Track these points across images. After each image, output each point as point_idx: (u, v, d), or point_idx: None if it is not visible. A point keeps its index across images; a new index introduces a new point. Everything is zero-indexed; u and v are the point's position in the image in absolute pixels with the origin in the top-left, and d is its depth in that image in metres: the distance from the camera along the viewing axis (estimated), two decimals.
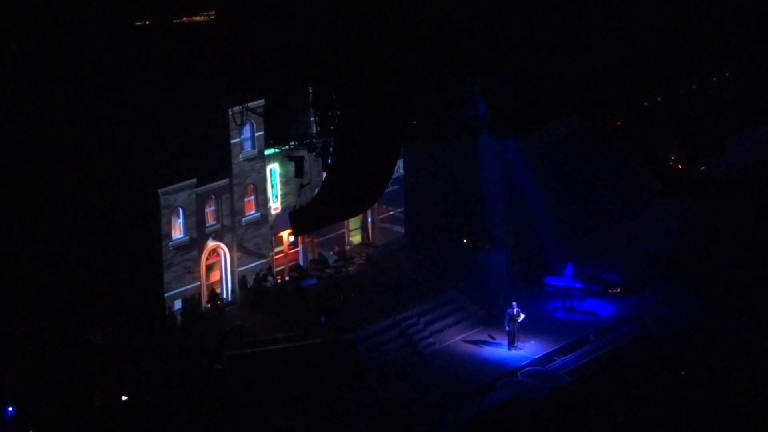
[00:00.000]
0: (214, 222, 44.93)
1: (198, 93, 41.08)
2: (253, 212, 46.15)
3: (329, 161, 35.29)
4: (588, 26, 30.79)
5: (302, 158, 39.20)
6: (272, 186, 46.91)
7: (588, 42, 30.94)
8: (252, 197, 46.12)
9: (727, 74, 40.67)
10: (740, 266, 49.25)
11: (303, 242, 48.64)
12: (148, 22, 42.57)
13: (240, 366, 40.73)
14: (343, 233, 50.39)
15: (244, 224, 45.75)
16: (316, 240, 48.84)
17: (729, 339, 44.18)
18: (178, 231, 43.44)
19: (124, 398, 39.32)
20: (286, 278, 47.41)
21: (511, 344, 44.02)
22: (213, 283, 45.02)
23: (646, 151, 35.80)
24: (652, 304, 48.18)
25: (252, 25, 29.75)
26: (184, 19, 42.23)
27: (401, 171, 51.04)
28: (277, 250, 47.62)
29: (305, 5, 28.89)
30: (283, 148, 40.49)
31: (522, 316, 43.96)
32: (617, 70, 32.42)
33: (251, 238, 46.02)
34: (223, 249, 45.25)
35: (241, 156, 45.30)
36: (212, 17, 38.08)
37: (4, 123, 40.16)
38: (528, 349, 44.04)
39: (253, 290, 45.70)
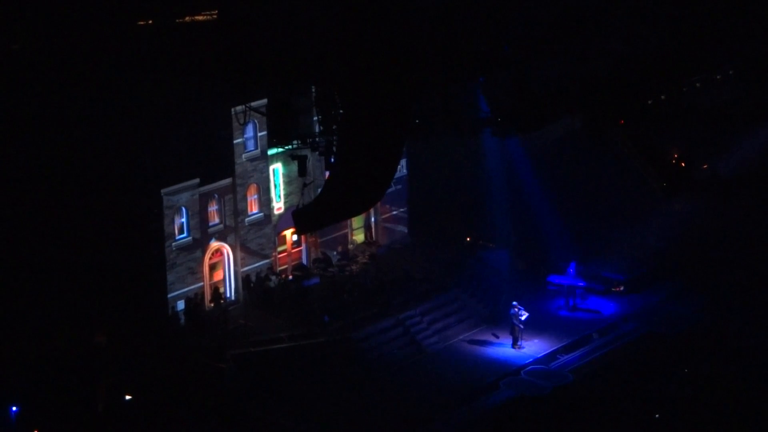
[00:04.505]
0: (217, 222, 44.92)
1: (201, 93, 41.12)
2: (256, 212, 46.13)
3: (332, 160, 35.26)
4: (590, 26, 30.81)
5: (305, 157, 39.20)
6: (275, 185, 46.89)
7: (590, 41, 30.98)
8: (255, 197, 46.10)
9: (730, 72, 40.68)
10: (743, 264, 49.21)
11: (306, 241, 48.62)
12: (150, 22, 42.60)
13: (244, 365, 40.75)
14: (347, 232, 50.37)
15: (247, 224, 45.74)
16: (319, 239, 48.83)
17: (732, 337, 44.16)
18: (181, 231, 43.43)
19: (127, 398, 39.34)
20: (290, 277, 47.41)
21: (515, 342, 44.02)
22: (216, 283, 45.03)
23: (648, 150, 35.83)
24: (655, 302, 48.13)
25: (255, 25, 29.80)
26: (187, 18, 42.25)
27: (404, 170, 51.00)
28: (280, 249, 47.61)
29: (308, 6, 28.92)
30: (286, 147, 40.47)
31: (525, 314, 43.93)
32: (620, 69, 32.44)
33: (254, 237, 46.02)
34: (227, 249, 45.24)
35: (243, 156, 45.28)
36: (215, 17, 38.14)
37: (6, 123, 40.21)
38: (531, 348, 44.03)
39: (256, 290, 45.71)
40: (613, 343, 44.79)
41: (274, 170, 46.67)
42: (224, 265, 45.39)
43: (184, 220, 43.46)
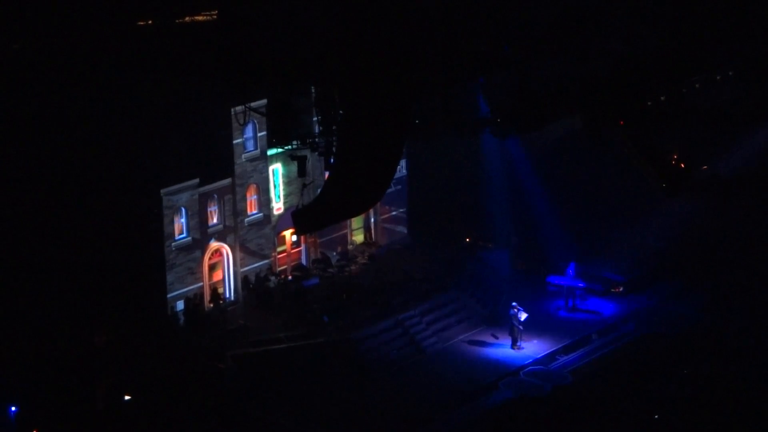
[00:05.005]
0: (217, 222, 44.93)
1: (201, 93, 41.13)
2: (255, 212, 46.15)
3: (332, 161, 35.28)
4: (590, 26, 30.79)
5: (305, 158, 39.22)
6: (275, 186, 46.91)
7: (590, 41, 30.96)
8: (254, 197, 46.12)
9: (730, 73, 40.66)
10: (743, 264, 49.23)
11: (306, 242, 48.65)
12: (150, 22, 42.61)
13: (243, 366, 40.75)
14: (346, 233, 50.40)
15: (247, 224, 45.76)
16: (318, 240, 48.85)
17: (732, 337, 44.17)
18: (180, 231, 43.43)
19: (126, 398, 39.35)
20: (289, 278, 47.42)
21: (514, 343, 44.03)
22: (215, 283, 45.04)
23: (648, 151, 35.80)
24: (655, 303, 48.14)
25: (255, 26, 29.79)
26: (187, 18, 42.26)
27: (404, 171, 51.03)
28: (279, 249, 47.62)
29: (308, 6, 28.91)
30: (286, 147, 40.53)
31: (524, 315, 43.92)
32: (620, 69, 32.41)
33: (254, 238, 46.03)
34: (226, 249, 45.25)
35: (243, 156, 45.31)
36: (215, 17, 38.15)
37: (6, 123, 40.22)
38: (531, 349, 44.02)
39: (255, 290, 45.71)
40: (613, 344, 44.81)
41: (273, 170, 46.69)
42: (224, 266, 45.41)
43: (183, 220, 43.47)
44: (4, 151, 40.41)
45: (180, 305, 43.26)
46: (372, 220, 51.53)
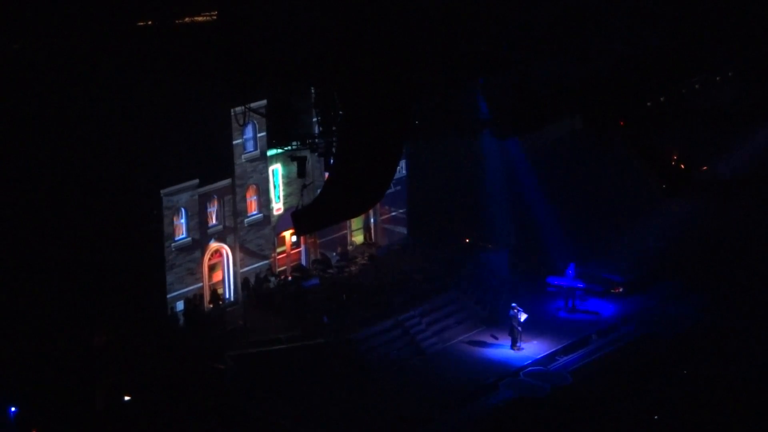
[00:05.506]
0: (217, 223, 44.91)
1: (200, 93, 41.13)
2: (255, 213, 46.13)
3: (331, 161, 35.31)
4: (590, 26, 30.84)
5: (304, 158, 39.25)
6: (275, 186, 46.89)
7: (590, 41, 31.00)
8: (254, 198, 46.10)
9: (729, 74, 40.68)
10: (743, 264, 49.22)
11: (305, 242, 48.63)
12: (150, 23, 42.63)
13: (242, 366, 40.72)
14: (346, 234, 50.37)
15: (247, 225, 45.74)
16: (318, 240, 48.84)
17: (732, 337, 44.17)
18: (180, 232, 43.42)
19: (126, 399, 39.34)
20: (289, 278, 47.40)
21: (514, 344, 44.02)
22: (215, 284, 45.03)
23: (648, 151, 35.87)
24: (655, 303, 48.13)
25: (255, 26, 29.83)
26: (186, 19, 42.28)
27: (404, 172, 51.00)
28: (279, 250, 47.61)
29: (308, 6, 28.94)
30: (286, 148, 40.56)
31: (524, 316, 43.91)
32: (620, 70, 32.47)
33: (254, 238, 46.01)
34: (226, 250, 45.24)
35: (243, 156, 45.29)
36: (215, 17, 38.17)
37: (6, 123, 40.23)
38: (530, 349, 44.02)
39: (255, 291, 45.70)
40: (613, 344, 44.78)
41: (273, 171, 46.68)
42: (223, 266, 45.38)
43: (183, 220, 43.45)
44: (4, 151, 40.43)
45: (180, 305, 43.25)
46: (372, 220, 51.53)
